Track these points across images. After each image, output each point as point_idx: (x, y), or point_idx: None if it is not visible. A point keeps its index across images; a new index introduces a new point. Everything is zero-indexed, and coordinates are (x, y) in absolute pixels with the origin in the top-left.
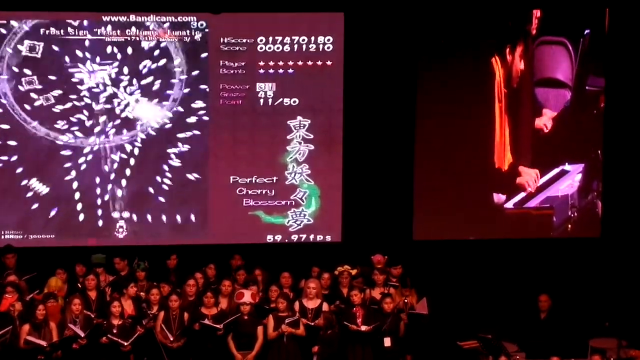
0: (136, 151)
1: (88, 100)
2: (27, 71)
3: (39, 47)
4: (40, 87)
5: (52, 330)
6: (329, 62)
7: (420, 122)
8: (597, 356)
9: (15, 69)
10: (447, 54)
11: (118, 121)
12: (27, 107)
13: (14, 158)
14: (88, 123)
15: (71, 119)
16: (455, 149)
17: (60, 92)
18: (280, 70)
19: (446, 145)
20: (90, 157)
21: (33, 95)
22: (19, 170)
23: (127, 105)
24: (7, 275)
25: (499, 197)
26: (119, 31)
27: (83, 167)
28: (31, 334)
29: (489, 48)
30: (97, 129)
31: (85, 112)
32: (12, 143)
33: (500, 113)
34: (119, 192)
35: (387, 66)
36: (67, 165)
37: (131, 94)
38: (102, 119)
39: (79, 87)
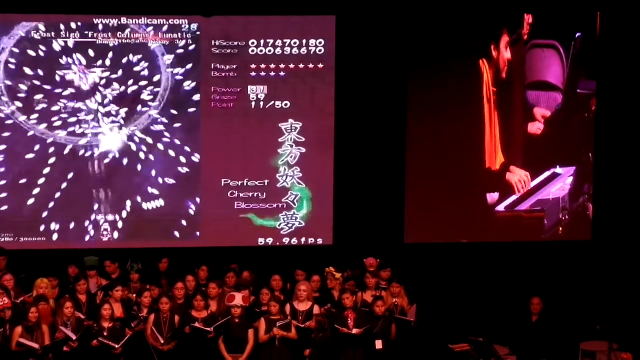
0: (127, 153)
1: (77, 101)
2: (17, 73)
3: (30, 49)
4: (28, 87)
5: (44, 332)
6: (320, 65)
7: (411, 124)
8: (588, 359)
9: (7, 70)
10: (438, 56)
11: (109, 122)
12: (18, 104)
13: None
14: (79, 123)
15: (61, 116)
16: (447, 151)
17: (48, 92)
18: (272, 73)
19: (437, 147)
20: (79, 158)
21: (22, 94)
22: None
23: (115, 107)
24: (3, 275)
25: (491, 197)
26: (110, 34)
27: (73, 168)
28: (23, 336)
29: (477, 49)
30: (86, 130)
31: (75, 112)
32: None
33: (490, 112)
34: (108, 194)
35: (378, 69)
36: (54, 167)
37: (121, 96)
38: (91, 119)
39: (67, 88)
